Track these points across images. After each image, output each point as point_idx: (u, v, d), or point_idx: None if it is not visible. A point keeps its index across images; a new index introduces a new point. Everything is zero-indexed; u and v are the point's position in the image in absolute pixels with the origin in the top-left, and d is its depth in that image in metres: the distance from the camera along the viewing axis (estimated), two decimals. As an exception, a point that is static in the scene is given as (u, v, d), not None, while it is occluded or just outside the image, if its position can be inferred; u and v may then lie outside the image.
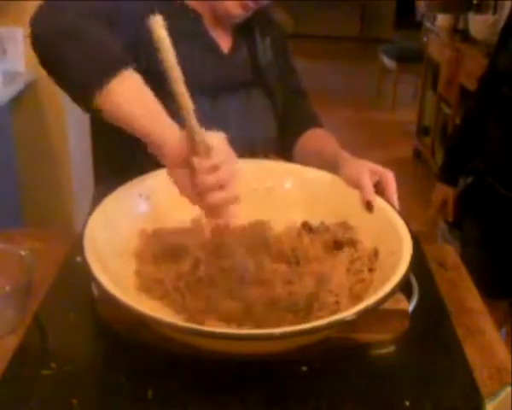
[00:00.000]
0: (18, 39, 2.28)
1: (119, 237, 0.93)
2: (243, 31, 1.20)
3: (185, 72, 0.81)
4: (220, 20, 1.15)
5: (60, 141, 2.45)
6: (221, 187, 0.80)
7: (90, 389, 0.81)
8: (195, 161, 0.79)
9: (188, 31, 1.11)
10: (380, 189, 0.99)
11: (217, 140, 0.81)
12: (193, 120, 0.78)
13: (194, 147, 0.79)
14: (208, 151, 0.79)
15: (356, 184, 1.00)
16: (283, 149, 1.27)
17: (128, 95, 0.86)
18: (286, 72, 1.28)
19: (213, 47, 1.15)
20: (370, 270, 0.91)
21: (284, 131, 1.25)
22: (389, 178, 0.99)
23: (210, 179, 0.79)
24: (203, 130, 0.79)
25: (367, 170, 1.00)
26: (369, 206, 0.98)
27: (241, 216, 0.89)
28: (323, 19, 7.04)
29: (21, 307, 0.91)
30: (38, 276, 0.96)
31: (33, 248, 1.07)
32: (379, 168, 1.01)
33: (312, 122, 1.29)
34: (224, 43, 1.18)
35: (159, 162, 1.01)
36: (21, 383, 0.81)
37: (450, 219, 1.86)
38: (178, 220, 1.01)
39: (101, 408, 0.79)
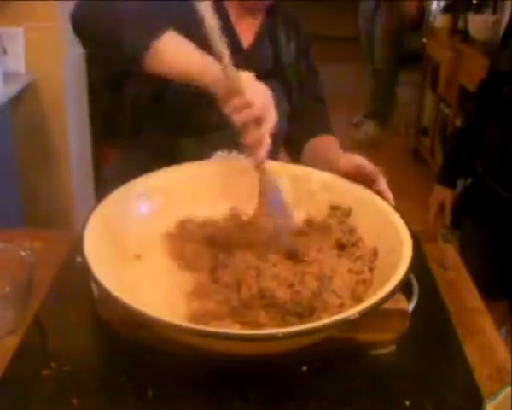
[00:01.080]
0: (18, 39, 2.28)
1: (118, 237, 0.93)
2: (269, 32, 1.24)
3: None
4: (246, 13, 1.19)
5: (60, 141, 2.45)
6: (256, 122, 0.89)
7: (90, 389, 0.81)
8: (231, 101, 0.89)
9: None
10: (371, 183, 1.01)
11: (248, 77, 0.91)
12: (227, 63, 0.87)
13: (230, 86, 0.89)
14: (241, 89, 0.88)
15: (355, 167, 1.03)
16: (292, 149, 1.30)
17: (175, 50, 0.96)
18: (307, 77, 1.31)
19: (233, 39, 1.18)
20: (370, 270, 0.91)
21: (295, 133, 1.28)
22: (379, 172, 1.02)
23: (243, 116, 0.89)
24: (236, 70, 0.89)
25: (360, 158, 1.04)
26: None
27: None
28: (320, 18, 7.02)
29: (21, 307, 0.91)
30: (38, 276, 0.96)
31: (33, 248, 1.07)
32: (369, 164, 1.04)
33: (324, 129, 1.31)
34: (247, 38, 1.21)
35: (158, 163, 1.02)
36: (21, 383, 0.81)
37: (448, 222, 1.86)
38: (177, 220, 1.02)
39: (101, 408, 0.79)
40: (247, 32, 1.21)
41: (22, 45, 2.28)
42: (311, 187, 1.08)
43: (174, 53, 0.96)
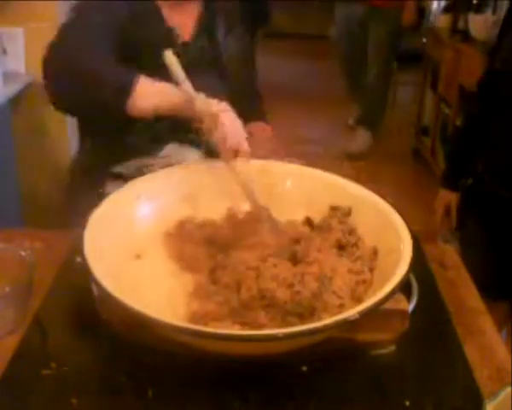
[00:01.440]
0: (18, 39, 2.28)
1: (118, 237, 0.93)
2: (207, 24, 1.26)
3: (143, 56, 1.11)
4: (180, 7, 1.21)
5: (60, 141, 2.45)
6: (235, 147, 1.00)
7: (90, 389, 0.81)
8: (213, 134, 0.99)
9: (148, 21, 1.18)
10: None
11: (223, 108, 1.00)
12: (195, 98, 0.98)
13: (210, 122, 0.99)
14: (215, 119, 0.99)
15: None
16: None
17: (149, 92, 1.02)
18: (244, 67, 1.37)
19: (169, 34, 1.21)
20: (370, 270, 0.91)
21: None
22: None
23: (222, 147, 1.00)
24: (207, 100, 1.00)
25: None
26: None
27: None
28: (312, 18, 6.97)
29: (21, 307, 0.91)
30: (38, 276, 0.96)
31: (33, 248, 1.07)
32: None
33: (260, 117, 1.38)
34: (186, 31, 1.23)
35: (113, 158, 1.15)
36: (21, 383, 0.81)
37: (454, 225, 1.86)
38: (177, 220, 1.02)
39: (101, 408, 0.79)
40: (186, 25, 1.23)
41: (22, 45, 2.28)
42: (311, 187, 1.08)
43: (154, 93, 1.03)
